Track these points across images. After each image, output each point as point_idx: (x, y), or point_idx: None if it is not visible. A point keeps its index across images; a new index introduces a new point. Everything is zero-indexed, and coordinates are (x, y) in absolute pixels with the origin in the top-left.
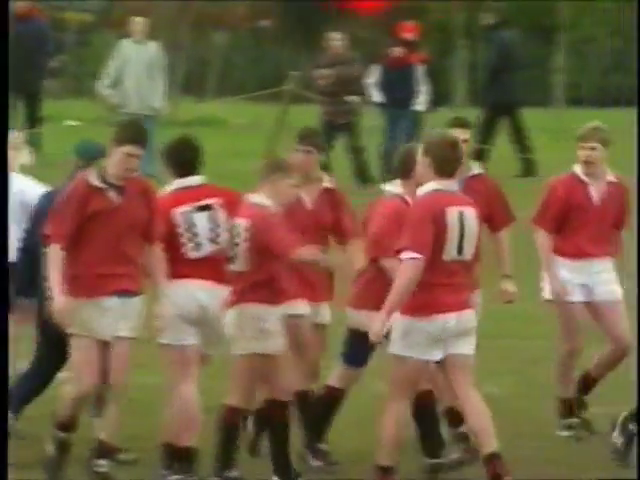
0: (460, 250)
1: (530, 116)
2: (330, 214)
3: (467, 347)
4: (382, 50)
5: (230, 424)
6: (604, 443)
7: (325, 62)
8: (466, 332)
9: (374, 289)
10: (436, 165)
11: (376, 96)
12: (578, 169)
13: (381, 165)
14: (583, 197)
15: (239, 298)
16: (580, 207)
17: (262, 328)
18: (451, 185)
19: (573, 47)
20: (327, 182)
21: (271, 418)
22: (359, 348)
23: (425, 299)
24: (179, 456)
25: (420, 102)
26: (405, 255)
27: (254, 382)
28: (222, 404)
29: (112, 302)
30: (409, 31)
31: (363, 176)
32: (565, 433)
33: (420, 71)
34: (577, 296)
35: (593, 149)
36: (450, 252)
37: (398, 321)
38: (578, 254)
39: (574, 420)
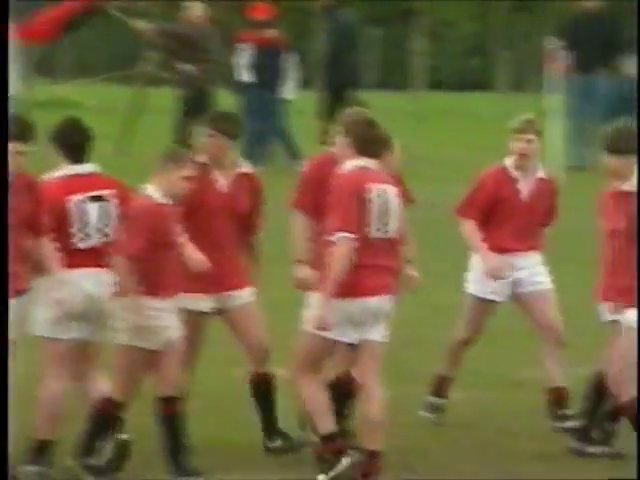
0: (384, 228)
1: (390, 99)
2: (247, 200)
3: (380, 334)
4: (234, 31)
5: (101, 414)
6: (467, 431)
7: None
8: (382, 317)
9: None
10: (357, 144)
11: (245, 77)
12: (508, 162)
13: (244, 147)
14: (511, 192)
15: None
16: (507, 201)
17: (138, 321)
18: (373, 163)
19: (433, 30)
20: (245, 168)
21: (161, 414)
22: None
23: (348, 281)
24: (36, 448)
25: (289, 89)
26: (337, 235)
27: (132, 375)
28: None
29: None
30: (262, 12)
31: None
32: (426, 414)
33: (291, 57)
34: (498, 296)
35: (530, 141)
36: (374, 230)
37: (318, 300)
38: (501, 249)
39: (440, 401)
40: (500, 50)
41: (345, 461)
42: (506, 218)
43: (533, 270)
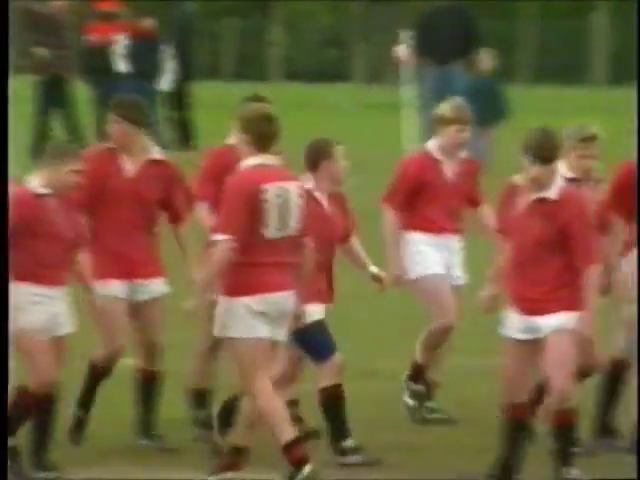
0: (284, 226)
1: (247, 90)
2: (157, 187)
3: (283, 333)
4: (83, 22)
5: (18, 402)
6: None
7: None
8: (286, 316)
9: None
10: (255, 141)
11: (122, 67)
12: (432, 146)
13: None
14: (435, 174)
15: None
16: (431, 183)
17: (13, 305)
18: (272, 159)
19: (289, 21)
20: (156, 154)
21: (38, 408)
22: (319, 340)
23: (247, 279)
24: None
25: (165, 81)
26: (216, 237)
27: (35, 360)
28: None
29: None
30: (108, 4)
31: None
32: (408, 401)
33: (168, 49)
34: (442, 270)
35: (468, 131)
36: (272, 229)
37: (222, 303)
38: (432, 228)
39: (419, 388)
40: (357, 41)
41: (307, 469)
42: (433, 198)
43: (456, 259)
